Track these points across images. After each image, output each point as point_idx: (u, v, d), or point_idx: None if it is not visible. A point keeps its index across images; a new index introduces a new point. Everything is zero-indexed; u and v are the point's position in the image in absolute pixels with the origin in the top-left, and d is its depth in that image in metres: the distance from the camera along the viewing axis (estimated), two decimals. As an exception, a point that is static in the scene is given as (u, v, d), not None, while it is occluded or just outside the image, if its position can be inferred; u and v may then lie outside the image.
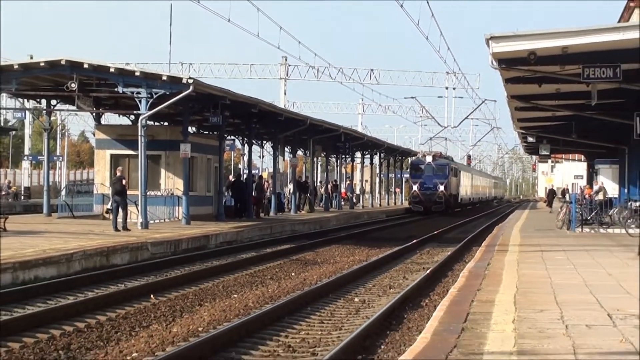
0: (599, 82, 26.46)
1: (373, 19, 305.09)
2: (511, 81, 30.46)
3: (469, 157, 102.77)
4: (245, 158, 53.13)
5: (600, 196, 36.69)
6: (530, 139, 56.90)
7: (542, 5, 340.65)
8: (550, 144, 53.34)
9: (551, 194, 72.11)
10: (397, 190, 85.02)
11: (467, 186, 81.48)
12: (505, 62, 26.31)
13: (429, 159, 65.50)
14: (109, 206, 29.89)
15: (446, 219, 54.01)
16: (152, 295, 16.70)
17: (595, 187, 40.11)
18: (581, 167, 77.14)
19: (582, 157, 71.47)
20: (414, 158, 70.94)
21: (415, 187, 64.86)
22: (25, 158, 72.84)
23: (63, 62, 30.37)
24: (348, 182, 67.49)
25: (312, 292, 17.31)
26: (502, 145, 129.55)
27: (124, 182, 28.72)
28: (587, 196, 36.12)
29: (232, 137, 50.68)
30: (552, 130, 47.59)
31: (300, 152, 58.64)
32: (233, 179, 44.22)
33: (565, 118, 41.38)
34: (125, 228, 27.88)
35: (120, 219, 28.20)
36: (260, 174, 58.73)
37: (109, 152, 36.26)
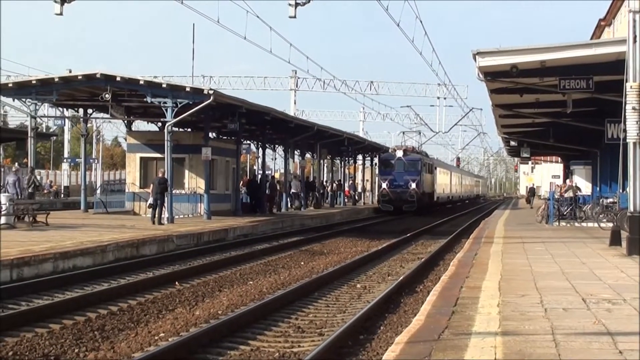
0: (574, 93, 26.40)
1: (374, 37, 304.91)
2: (495, 92, 30.42)
3: (458, 159, 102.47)
4: (260, 160, 53.22)
5: (570, 194, 36.74)
6: (512, 143, 56.80)
7: (523, 22, 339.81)
8: (530, 147, 53.24)
9: (531, 192, 72.06)
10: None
11: (444, 184, 69.95)
12: (490, 75, 26.27)
13: (399, 153, 53.40)
14: (150, 201, 30.02)
15: (437, 215, 52.23)
16: (177, 282, 16.71)
17: (566, 186, 40.13)
18: (558, 168, 76.83)
19: (559, 159, 71.22)
20: (383, 153, 58.34)
21: (384, 185, 52.76)
22: (65, 160, 73.08)
23: (98, 76, 30.44)
24: (351, 182, 67.42)
25: (319, 279, 17.33)
26: (487, 148, 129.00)
27: (167, 183, 29.17)
28: (559, 194, 36.08)
29: (248, 142, 50.61)
30: (532, 135, 47.52)
31: (308, 155, 58.58)
32: (248, 179, 44.29)
33: (544, 124, 41.34)
34: (166, 222, 28.22)
35: (158, 214, 28.61)
36: (272, 174, 58.74)
37: (138, 155, 36.32)
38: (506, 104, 34.93)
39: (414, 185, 52.06)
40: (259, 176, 46.30)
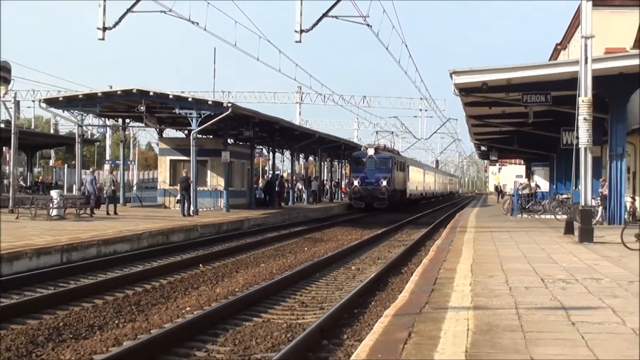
0: (534, 105, 26.44)
1: (366, 58, 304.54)
2: (469, 105, 30.46)
3: (437, 162, 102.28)
4: (270, 162, 53.17)
5: (527, 191, 36.82)
6: (483, 148, 56.97)
7: (492, 44, 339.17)
8: (498, 152, 53.37)
9: (496, 189, 72.26)
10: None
11: (417, 181, 62.43)
12: (464, 90, 26.30)
13: (371, 152, 46.81)
14: (178, 197, 30.24)
15: (411, 211, 49.56)
16: (200, 265, 16.76)
17: (524, 185, 40.18)
18: (521, 169, 76.70)
19: (522, 161, 71.17)
20: (356, 152, 50.83)
21: (356, 182, 46.14)
22: (106, 162, 72.68)
23: (134, 91, 30.47)
24: (347, 181, 67.37)
25: (320, 262, 17.37)
26: (461, 152, 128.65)
27: (190, 181, 29.41)
28: (519, 191, 36.16)
29: (260, 147, 50.62)
30: (499, 141, 47.56)
31: (311, 158, 58.60)
32: (267, 179, 44.43)
33: (509, 132, 41.36)
34: (189, 214, 28.46)
35: (186, 207, 28.98)
36: (281, 174, 58.72)
37: (168, 158, 36.38)
38: (477, 115, 34.97)
39: (384, 183, 45.76)
40: (270, 176, 46.31)
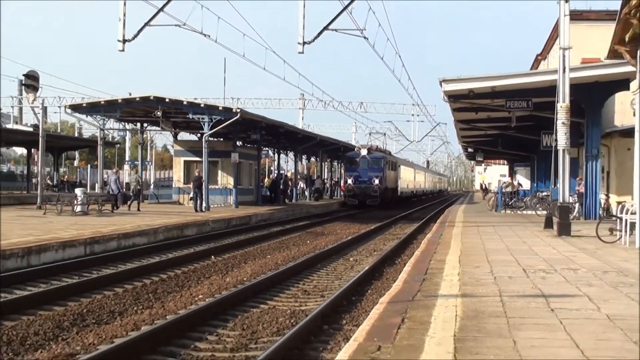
0: (517, 111, 26.44)
1: (363, 67, 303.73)
2: (457, 110, 30.46)
3: (427, 162, 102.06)
4: (275, 163, 53.16)
5: (509, 189, 36.78)
6: (469, 150, 56.95)
7: (478, 53, 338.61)
8: (483, 153, 53.36)
9: (481, 187, 72.25)
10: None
11: (408, 180, 60.36)
12: (452, 97, 26.31)
13: (364, 152, 45.45)
14: (191, 195, 30.36)
15: (403, 207, 49.27)
16: (212, 256, 16.73)
17: (507, 183, 40.14)
18: (505, 169, 76.55)
19: (505, 162, 71.10)
20: (350, 152, 49.25)
21: (350, 181, 44.73)
22: (126, 163, 72.82)
23: (151, 98, 30.47)
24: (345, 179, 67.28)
25: (321, 254, 17.34)
26: (450, 154, 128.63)
27: (202, 180, 29.58)
28: (503, 189, 36.16)
29: (266, 148, 50.60)
30: (485, 144, 47.58)
31: (312, 159, 58.59)
32: (272, 179, 44.50)
33: (494, 135, 41.37)
34: (201, 210, 28.62)
35: (198, 204, 29.10)
36: (285, 173, 58.72)
37: (183, 158, 36.37)
38: (465, 120, 34.98)
39: (377, 181, 44.37)
40: (275, 175, 46.32)
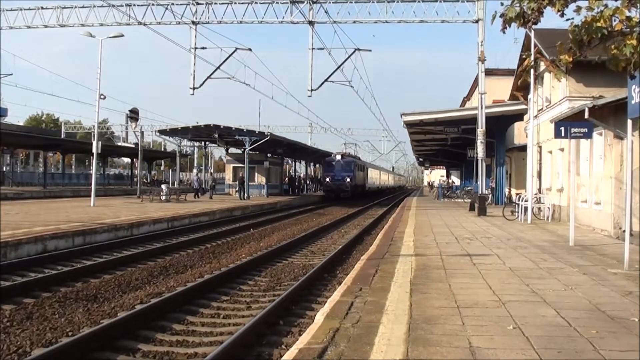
0: (451, 133, 26.39)
1: (349, 104, 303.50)
2: (412, 133, 30.33)
3: (393, 167, 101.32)
4: (292, 168, 53.01)
5: (447, 184, 36.58)
6: (420, 159, 56.70)
7: (427, 98, 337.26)
8: (430, 162, 53.14)
9: (429, 184, 71.85)
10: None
11: (374, 178, 54.98)
12: (409, 125, 26.21)
13: (338, 157, 41.08)
14: (237, 189, 30.48)
15: (380, 194, 48.76)
16: (251, 229, 16.66)
17: (445, 181, 39.96)
18: (444, 172, 76.20)
19: (444, 167, 70.89)
20: (328, 157, 43.59)
21: (327, 179, 40.30)
22: (195, 168, 72.64)
23: (211, 125, 30.35)
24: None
25: (323, 227, 17.28)
26: (408, 162, 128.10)
27: (243, 179, 29.48)
28: (442, 185, 36.01)
29: (287, 158, 50.41)
30: (430, 155, 47.39)
31: (317, 165, 58.31)
32: (289, 178, 44.30)
33: (436, 150, 41.14)
34: (244, 198, 28.41)
35: (242, 194, 29.01)
36: (299, 174, 58.56)
37: (231, 165, 36.24)
38: (417, 140, 34.85)
39: (348, 179, 40.08)
40: (292, 176, 46.22)
